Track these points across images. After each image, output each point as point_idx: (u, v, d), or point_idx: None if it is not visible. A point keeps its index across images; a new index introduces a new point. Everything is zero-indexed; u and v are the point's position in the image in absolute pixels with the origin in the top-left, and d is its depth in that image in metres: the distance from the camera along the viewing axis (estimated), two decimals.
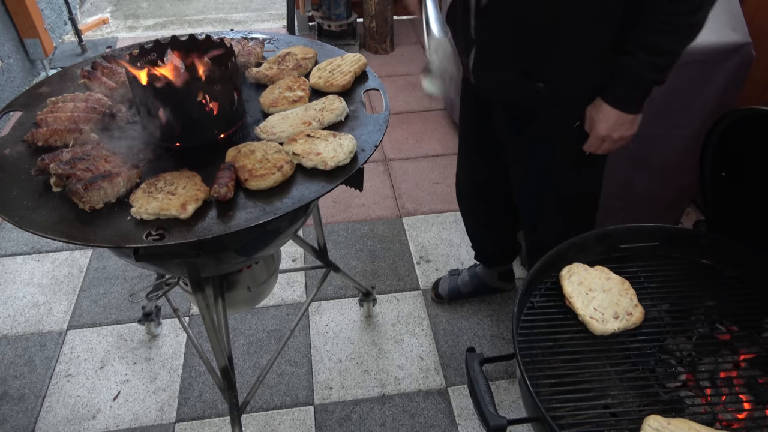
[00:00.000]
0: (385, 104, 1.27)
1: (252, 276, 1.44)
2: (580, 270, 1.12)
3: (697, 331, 1.08)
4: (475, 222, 1.89)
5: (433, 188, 2.60)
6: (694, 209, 2.29)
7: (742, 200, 1.20)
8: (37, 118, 1.20)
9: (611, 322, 1.03)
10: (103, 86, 1.31)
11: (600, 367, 1.01)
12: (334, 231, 2.38)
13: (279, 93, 1.28)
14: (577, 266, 1.13)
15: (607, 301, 1.06)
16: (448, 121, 3.04)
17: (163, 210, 0.97)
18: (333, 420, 1.73)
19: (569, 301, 1.08)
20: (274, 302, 2.09)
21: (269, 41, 1.54)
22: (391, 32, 3.68)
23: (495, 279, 2.00)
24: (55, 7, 3.81)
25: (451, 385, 1.82)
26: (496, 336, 1.96)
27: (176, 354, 1.92)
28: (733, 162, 1.19)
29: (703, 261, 1.19)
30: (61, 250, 2.29)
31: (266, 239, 1.23)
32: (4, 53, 3.17)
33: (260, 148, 1.10)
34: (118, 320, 2.02)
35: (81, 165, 1.03)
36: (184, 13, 4.45)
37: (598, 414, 0.94)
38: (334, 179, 1.07)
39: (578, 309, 1.06)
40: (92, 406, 1.78)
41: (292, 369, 1.87)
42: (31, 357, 1.91)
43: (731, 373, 1.00)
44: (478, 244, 1.95)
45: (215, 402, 1.78)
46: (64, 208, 1.00)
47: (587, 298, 1.07)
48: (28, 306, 2.08)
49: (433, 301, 2.05)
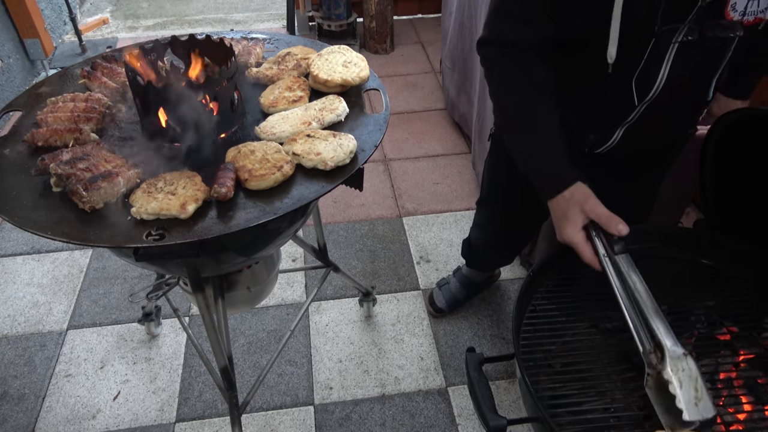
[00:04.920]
0: (385, 104, 1.27)
1: (252, 276, 1.44)
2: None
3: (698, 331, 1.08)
4: (495, 256, 1.88)
5: (433, 188, 2.60)
6: (694, 209, 2.29)
7: (742, 200, 1.20)
8: (37, 118, 1.19)
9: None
10: (103, 86, 1.31)
11: (600, 366, 1.01)
12: (334, 231, 2.38)
13: (279, 93, 1.28)
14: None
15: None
16: (448, 121, 3.04)
17: (163, 210, 0.97)
18: (333, 420, 1.73)
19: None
20: (274, 302, 2.09)
21: (269, 41, 1.54)
22: (391, 32, 3.68)
23: (483, 274, 2.01)
24: (55, 7, 3.81)
25: (451, 385, 1.82)
26: (496, 336, 1.96)
27: (176, 354, 1.92)
28: (733, 162, 1.19)
29: (703, 261, 1.19)
30: (61, 250, 2.29)
31: (266, 239, 1.23)
32: (4, 53, 3.17)
33: (260, 148, 1.10)
34: (118, 320, 2.02)
35: (81, 165, 1.03)
36: (184, 13, 4.45)
37: (598, 414, 0.94)
38: (334, 179, 1.06)
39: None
40: (92, 406, 1.78)
41: (292, 369, 1.87)
42: (31, 357, 1.91)
43: (731, 374, 1.00)
44: (483, 264, 1.94)
45: (215, 402, 1.78)
46: (64, 208, 1.00)
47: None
48: (28, 306, 2.08)
49: (434, 317, 2.03)
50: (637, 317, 0.90)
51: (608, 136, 1.19)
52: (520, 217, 1.57)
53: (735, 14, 0.95)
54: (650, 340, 0.87)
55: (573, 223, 1.00)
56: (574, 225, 1.00)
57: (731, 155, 1.19)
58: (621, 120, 1.14)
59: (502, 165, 1.47)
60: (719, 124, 1.17)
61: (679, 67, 1.01)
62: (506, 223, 1.64)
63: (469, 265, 1.95)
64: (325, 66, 1.32)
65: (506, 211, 1.59)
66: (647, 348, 0.87)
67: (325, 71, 1.31)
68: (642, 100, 1.08)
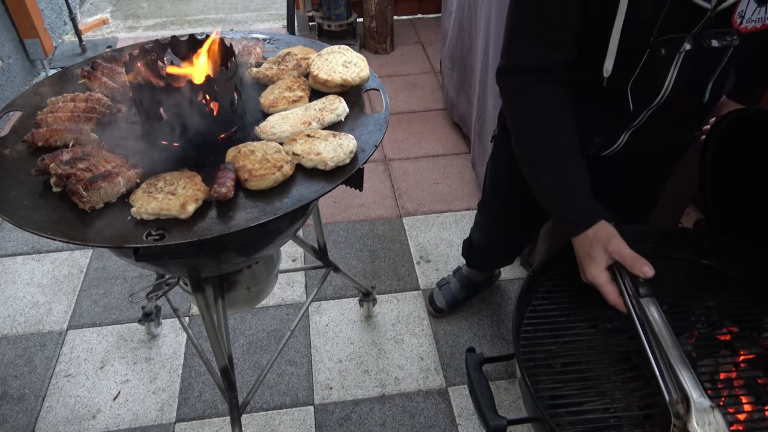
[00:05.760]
0: (385, 104, 1.27)
1: (252, 276, 1.44)
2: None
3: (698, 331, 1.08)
4: (496, 256, 1.88)
5: (433, 188, 2.60)
6: (694, 209, 2.29)
7: (742, 200, 1.20)
8: (37, 118, 1.19)
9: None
10: (103, 86, 1.31)
11: (600, 366, 1.01)
12: (334, 231, 2.38)
13: (279, 93, 1.28)
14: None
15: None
16: (448, 121, 3.04)
17: (163, 210, 0.97)
18: (333, 420, 1.73)
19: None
20: (274, 302, 2.09)
21: (269, 41, 1.54)
22: (391, 32, 3.68)
23: (483, 274, 2.01)
24: (55, 7, 3.81)
25: (451, 385, 1.82)
26: (496, 336, 1.96)
27: (176, 354, 1.92)
28: (733, 162, 1.19)
29: (703, 261, 1.19)
30: (61, 250, 2.29)
31: (266, 239, 1.23)
32: (4, 53, 3.17)
33: (260, 148, 1.10)
34: (118, 320, 2.02)
35: (81, 165, 1.03)
36: (184, 13, 4.45)
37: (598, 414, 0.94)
38: (334, 179, 1.06)
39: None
40: (92, 406, 1.78)
41: (292, 369, 1.87)
42: (31, 357, 1.91)
43: (731, 374, 1.00)
44: (484, 264, 1.94)
45: (215, 402, 1.78)
46: (64, 208, 1.00)
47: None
48: (28, 306, 2.08)
49: (434, 317, 2.03)
50: (664, 364, 0.88)
51: (613, 139, 1.19)
52: (522, 219, 1.57)
53: (742, 21, 0.95)
54: (677, 390, 0.86)
55: (596, 264, 0.98)
56: (597, 265, 0.98)
57: (731, 155, 1.19)
58: (626, 125, 1.14)
59: (504, 167, 1.47)
60: (719, 125, 1.17)
61: (684, 75, 1.02)
62: (508, 224, 1.64)
63: (469, 265, 1.95)
64: (325, 66, 1.32)
65: (508, 212, 1.59)
66: (674, 398, 0.85)
67: (325, 71, 1.30)
68: (646, 107, 1.08)
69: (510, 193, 1.51)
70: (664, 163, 1.36)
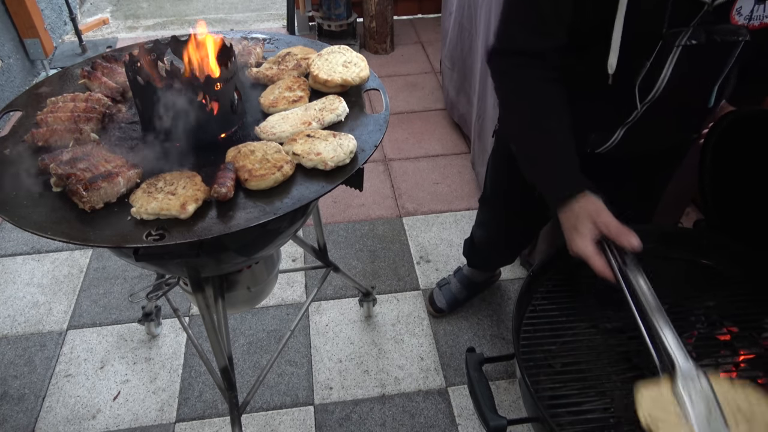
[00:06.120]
0: (385, 104, 1.27)
1: (252, 276, 1.44)
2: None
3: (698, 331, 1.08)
4: (497, 255, 1.88)
5: (433, 188, 2.60)
6: (694, 209, 2.29)
7: (742, 200, 1.20)
8: (37, 118, 1.19)
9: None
10: (103, 86, 1.31)
11: (600, 366, 1.01)
12: (334, 231, 2.38)
13: (279, 93, 1.28)
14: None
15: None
16: (448, 121, 3.04)
17: (163, 210, 0.97)
18: (333, 420, 1.73)
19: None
20: (274, 302, 2.09)
21: (269, 41, 1.54)
22: (391, 32, 3.68)
23: (483, 274, 2.01)
24: (55, 7, 3.81)
25: (451, 385, 1.82)
26: (496, 336, 1.96)
27: (176, 354, 1.92)
28: (732, 162, 1.19)
29: (703, 261, 1.19)
30: (61, 250, 2.29)
31: (266, 239, 1.23)
32: (4, 53, 3.17)
33: (260, 148, 1.10)
34: (118, 320, 2.02)
35: (81, 165, 1.03)
36: (184, 13, 4.45)
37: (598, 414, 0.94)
38: (334, 179, 1.06)
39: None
40: (92, 406, 1.78)
41: (292, 369, 1.87)
42: (31, 357, 1.91)
43: (731, 374, 1.00)
44: (485, 263, 1.94)
45: (215, 402, 1.78)
46: (64, 208, 1.00)
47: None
48: (28, 306, 2.08)
49: (434, 317, 2.03)
50: (653, 334, 0.88)
51: (608, 136, 1.18)
52: (523, 217, 1.57)
53: (740, 18, 0.95)
54: (665, 357, 0.85)
55: (582, 236, 0.98)
56: (583, 237, 0.97)
57: (731, 155, 1.19)
58: (622, 120, 1.14)
59: (504, 163, 1.47)
60: (718, 125, 1.17)
61: (680, 70, 1.01)
62: (508, 221, 1.64)
63: (470, 264, 1.95)
64: (325, 66, 1.32)
65: (509, 210, 1.59)
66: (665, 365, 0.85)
67: (325, 71, 1.31)
68: (641, 101, 1.08)
69: (510, 191, 1.52)
70: (666, 163, 1.36)
